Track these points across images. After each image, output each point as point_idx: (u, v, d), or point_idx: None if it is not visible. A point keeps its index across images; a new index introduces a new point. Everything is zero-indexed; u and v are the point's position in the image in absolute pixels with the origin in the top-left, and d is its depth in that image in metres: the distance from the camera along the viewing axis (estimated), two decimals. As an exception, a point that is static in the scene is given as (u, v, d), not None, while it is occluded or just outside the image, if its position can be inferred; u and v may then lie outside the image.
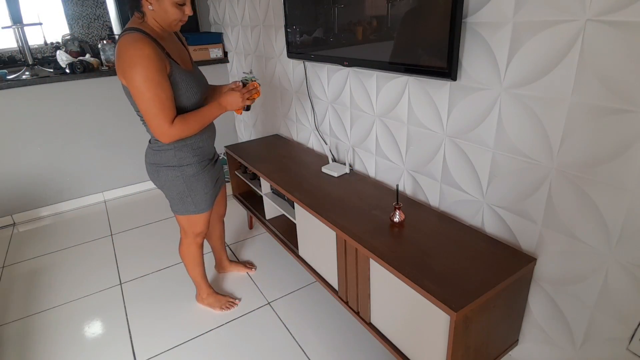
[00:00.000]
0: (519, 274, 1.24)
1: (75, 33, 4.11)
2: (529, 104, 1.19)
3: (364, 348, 1.65)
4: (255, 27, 2.66)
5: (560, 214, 1.20)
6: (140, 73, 1.24)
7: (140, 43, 1.25)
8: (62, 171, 2.90)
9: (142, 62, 1.24)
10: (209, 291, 1.89)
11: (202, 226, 1.67)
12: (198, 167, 1.53)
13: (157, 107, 1.29)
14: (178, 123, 1.35)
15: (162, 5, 1.27)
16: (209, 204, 1.63)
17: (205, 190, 1.59)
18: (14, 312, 1.95)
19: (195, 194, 1.56)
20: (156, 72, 1.26)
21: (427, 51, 1.36)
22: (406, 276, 1.22)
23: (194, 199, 1.57)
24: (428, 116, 1.54)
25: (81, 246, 2.51)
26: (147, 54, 1.24)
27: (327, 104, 2.15)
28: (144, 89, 1.26)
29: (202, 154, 1.55)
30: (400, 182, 1.79)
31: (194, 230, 1.67)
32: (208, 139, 1.58)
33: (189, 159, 1.50)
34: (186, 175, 1.51)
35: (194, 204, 1.58)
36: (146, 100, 1.28)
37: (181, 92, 1.37)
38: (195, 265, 1.80)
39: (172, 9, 1.28)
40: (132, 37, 1.26)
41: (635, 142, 0.98)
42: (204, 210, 1.62)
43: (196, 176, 1.53)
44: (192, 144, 1.50)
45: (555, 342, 1.33)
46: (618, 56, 0.96)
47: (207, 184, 1.59)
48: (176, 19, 1.32)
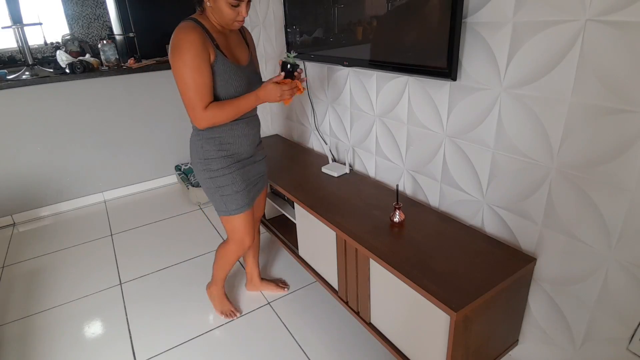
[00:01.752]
0: (519, 274, 1.24)
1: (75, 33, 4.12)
2: (529, 104, 1.19)
3: (364, 348, 1.65)
4: (255, 27, 2.66)
5: (560, 214, 1.20)
6: (181, 56, 1.28)
7: (188, 29, 1.29)
8: (62, 171, 2.90)
9: (185, 45, 1.28)
10: (220, 291, 1.85)
11: (241, 232, 1.57)
12: (223, 162, 1.47)
13: (193, 90, 1.31)
14: (212, 108, 1.35)
15: (218, 4, 1.30)
16: (241, 205, 1.51)
17: (235, 189, 1.49)
18: (14, 312, 1.95)
19: (222, 192, 1.49)
20: (196, 57, 1.28)
21: (427, 51, 1.36)
22: (406, 276, 1.22)
23: (222, 197, 1.50)
24: (428, 116, 1.54)
25: (81, 246, 2.51)
26: (192, 39, 1.28)
27: (327, 104, 2.15)
28: (182, 72, 1.30)
29: (230, 150, 1.48)
30: (400, 182, 1.79)
31: (235, 237, 1.58)
32: (242, 137, 1.49)
33: (214, 153, 1.46)
34: (211, 169, 1.47)
35: (225, 203, 1.51)
36: (183, 83, 1.31)
37: (222, 82, 1.37)
38: (224, 267, 1.73)
39: (226, 9, 1.30)
40: (184, 24, 1.32)
41: (635, 142, 0.98)
42: (235, 212, 1.52)
43: (221, 171, 1.47)
44: (220, 137, 1.45)
45: (555, 342, 1.33)
46: (618, 56, 0.96)
47: (237, 182, 1.49)
48: (231, 19, 1.33)
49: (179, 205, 2.94)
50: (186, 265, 2.25)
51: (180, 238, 2.52)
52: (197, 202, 2.92)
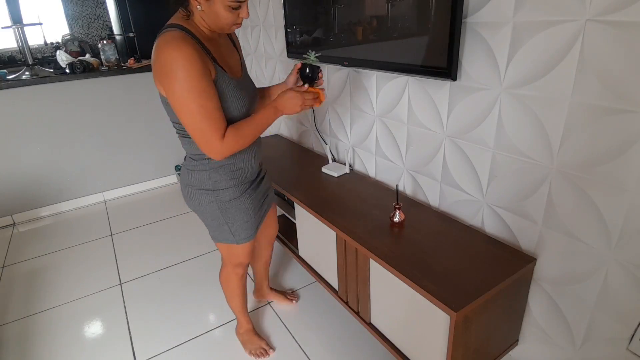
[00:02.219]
0: (519, 274, 1.24)
1: (75, 33, 4.12)
2: (529, 104, 1.19)
3: (364, 348, 1.65)
4: (255, 27, 2.66)
5: (560, 214, 1.20)
6: (181, 79, 1.02)
7: (179, 42, 1.02)
8: (62, 171, 2.90)
9: (183, 65, 1.01)
10: (247, 327, 1.67)
11: (243, 257, 1.44)
12: (236, 191, 1.29)
13: (205, 120, 1.06)
14: (231, 135, 1.11)
15: (213, 7, 1.06)
16: (251, 232, 1.38)
17: (246, 219, 1.34)
18: (14, 312, 1.95)
19: (233, 222, 1.33)
20: (200, 77, 1.03)
21: (427, 51, 1.36)
22: (406, 276, 1.22)
23: (231, 227, 1.34)
24: (428, 116, 1.54)
25: (81, 246, 2.51)
26: (189, 55, 1.02)
27: (327, 104, 2.15)
28: (187, 99, 1.04)
29: (241, 176, 1.30)
30: (400, 182, 1.79)
31: (232, 261, 1.46)
32: (252, 159, 1.31)
33: (225, 183, 1.27)
34: (221, 200, 1.28)
35: (232, 232, 1.35)
36: (191, 113, 1.06)
37: (227, 103, 1.14)
38: (234, 296, 1.57)
39: (224, 13, 1.06)
40: (171, 35, 1.04)
41: (635, 142, 0.98)
42: (245, 240, 1.38)
43: (233, 202, 1.29)
44: (229, 165, 1.26)
45: (555, 342, 1.33)
46: (618, 56, 0.96)
47: (248, 210, 1.34)
48: (229, 23, 1.10)
49: (179, 205, 2.94)
50: (186, 265, 2.25)
51: (180, 238, 2.52)
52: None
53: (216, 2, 1.05)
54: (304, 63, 1.24)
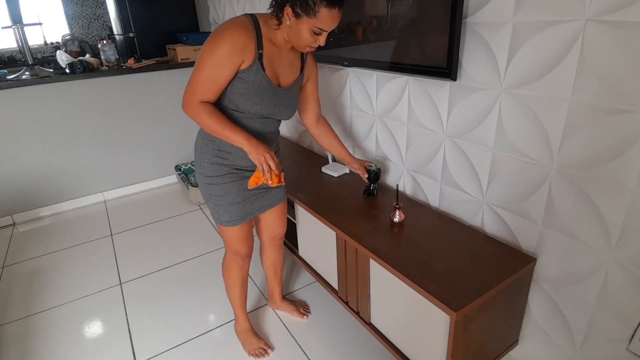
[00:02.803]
0: (519, 274, 1.24)
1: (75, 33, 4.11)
2: (529, 104, 1.19)
3: (364, 348, 1.65)
4: (255, 27, 2.65)
5: (560, 214, 1.20)
6: (212, 44, 1.17)
7: (239, 25, 1.17)
8: (62, 171, 2.90)
9: (224, 39, 1.16)
10: (244, 326, 1.69)
11: (237, 244, 1.47)
12: (218, 171, 1.34)
13: (201, 82, 1.20)
14: (204, 109, 1.21)
15: (300, 27, 1.17)
16: (234, 218, 1.40)
17: (228, 201, 1.37)
18: (14, 312, 1.95)
19: (215, 201, 1.38)
20: (224, 53, 1.16)
21: (427, 51, 1.36)
22: (406, 276, 1.22)
23: (216, 206, 1.39)
24: (428, 116, 1.54)
25: (81, 246, 2.51)
26: (234, 35, 1.16)
27: (327, 104, 2.15)
28: (203, 57, 1.18)
29: (228, 159, 1.34)
30: (400, 182, 1.79)
31: (230, 247, 1.50)
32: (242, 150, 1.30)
33: (209, 159, 1.34)
34: (205, 175, 1.35)
35: (217, 212, 1.40)
36: (197, 67, 1.20)
37: (244, 91, 1.24)
38: (232, 286, 1.60)
39: (306, 34, 1.18)
40: (240, 18, 1.20)
41: (635, 142, 0.98)
42: (227, 224, 1.41)
43: (214, 180, 1.35)
44: (219, 143, 1.32)
45: (555, 342, 1.33)
46: (618, 56, 0.96)
47: (230, 195, 1.36)
48: (306, 43, 1.21)
49: (179, 205, 2.94)
50: (186, 265, 2.25)
51: (180, 238, 2.52)
52: (197, 202, 2.92)
53: (304, 23, 1.16)
54: (369, 169, 1.64)
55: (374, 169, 1.64)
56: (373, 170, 1.64)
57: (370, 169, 1.64)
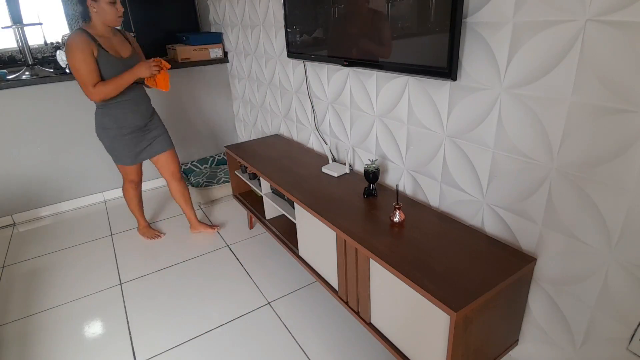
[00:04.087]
0: (519, 274, 1.24)
1: (75, 33, 4.09)
2: (529, 104, 1.19)
3: (364, 348, 1.65)
4: (255, 27, 2.66)
5: (560, 214, 1.20)
6: (71, 55, 1.80)
7: (75, 36, 1.81)
8: (62, 171, 2.90)
9: (73, 47, 1.79)
10: (143, 224, 2.53)
11: (131, 175, 2.26)
12: (117, 132, 2.06)
13: (83, 75, 1.83)
14: (99, 85, 1.87)
15: (101, 6, 1.79)
16: (130, 160, 2.16)
17: (124, 150, 2.11)
18: (14, 312, 1.95)
19: (117, 150, 2.12)
20: (81, 51, 1.80)
21: (427, 51, 1.36)
22: (406, 276, 1.22)
23: (117, 153, 2.13)
24: (428, 116, 1.54)
25: (81, 246, 2.51)
26: (78, 41, 1.80)
27: (327, 104, 2.15)
28: (74, 64, 1.81)
29: (122, 122, 2.05)
30: (400, 182, 1.79)
31: (126, 177, 2.28)
32: (130, 112, 2.05)
33: (110, 124, 2.04)
34: (109, 135, 2.07)
35: (117, 157, 2.15)
36: (76, 71, 1.83)
37: (105, 70, 1.89)
38: (130, 201, 2.40)
39: (107, 7, 1.80)
40: (74, 33, 1.82)
41: (635, 142, 0.98)
42: (126, 164, 2.17)
43: (116, 138, 2.07)
44: (113, 114, 2.02)
45: (555, 342, 1.33)
46: (618, 56, 0.96)
47: (128, 145, 2.11)
48: (114, 15, 1.83)
49: (179, 205, 2.94)
50: (186, 265, 2.25)
51: (180, 238, 2.52)
52: (197, 202, 2.92)
53: (101, 2, 1.79)
54: (368, 170, 1.67)
55: (373, 168, 1.66)
56: (372, 170, 1.66)
57: (368, 169, 1.66)
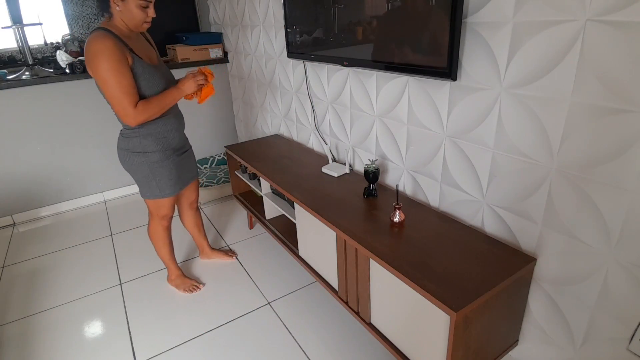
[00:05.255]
0: (519, 274, 1.24)
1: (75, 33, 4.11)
2: (529, 104, 1.19)
3: (364, 348, 1.65)
4: (255, 27, 2.66)
5: (560, 214, 1.20)
6: (103, 63, 1.38)
7: (102, 38, 1.39)
8: (62, 171, 2.90)
9: (104, 53, 1.37)
10: (177, 273, 2.04)
11: (167, 210, 1.82)
12: (162, 155, 1.67)
13: (121, 92, 1.43)
14: (141, 106, 1.48)
15: (127, 6, 1.42)
16: (174, 189, 1.77)
17: (170, 177, 1.72)
18: (14, 312, 1.95)
19: (159, 179, 1.70)
20: (117, 61, 1.39)
21: (427, 51, 1.36)
22: (406, 276, 1.22)
23: (158, 183, 1.71)
24: (428, 116, 1.54)
25: (81, 246, 2.51)
26: (108, 46, 1.38)
27: (327, 104, 2.15)
28: (107, 77, 1.40)
29: (166, 143, 1.68)
30: (400, 182, 1.79)
31: (159, 213, 1.82)
32: (174, 130, 1.70)
33: (153, 147, 1.64)
34: (150, 161, 1.65)
35: (159, 188, 1.72)
36: (110, 87, 1.42)
37: (144, 82, 1.51)
38: (162, 245, 1.94)
39: (136, 10, 1.43)
40: (96, 34, 1.41)
41: (635, 142, 0.98)
42: (169, 195, 1.75)
43: (160, 163, 1.67)
44: (156, 133, 1.63)
45: (555, 342, 1.33)
46: (618, 56, 0.96)
47: (172, 171, 1.72)
48: (141, 19, 1.46)
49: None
50: (186, 265, 2.25)
51: (180, 238, 2.51)
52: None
53: (129, 2, 1.41)
54: (368, 170, 1.65)
55: (373, 168, 1.66)
56: (372, 171, 1.66)
57: (368, 169, 1.66)
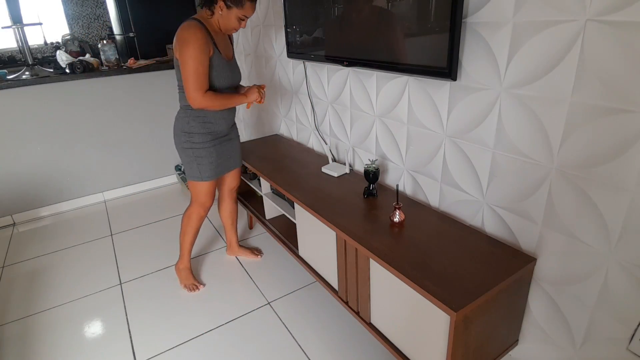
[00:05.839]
0: (519, 274, 1.24)
1: (75, 33, 4.11)
2: (529, 104, 1.19)
3: (364, 348, 1.65)
4: (255, 27, 2.66)
5: (560, 214, 1.20)
6: (189, 49, 1.57)
7: (195, 28, 1.59)
8: (62, 171, 2.90)
9: (193, 41, 1.57)
10: (186, 265, 2.09)
11: (206, 196, 1.90)
12: (204, 137, 1.79)
13: (195, 77, 1.60)
14: (209, 95, 1.66)
15: (230, 15, 1.63)
16: (213, 174, 1.86)
17: (210, 160, 1.82)
18: (14, 312, 1.95)
19: (200, 162, 1.81)
20: (200, 51, 1.58)
21: (427, 51, 1.36)
22: (406, 276, 1.22)
23: (199, 165, 1.81)
24: (428, 116, 1.54)
25: (81, 246, 2.51)
26: (199, 37, 1.58)
27: (327, 104, 2.15)
28: (188, 61, 1.58)
29: (210, 129, 1.80)
30: (400, 182, 1.79)
31: (199, 199, 1.91)
32: (221, 119, 1.81)
33: (197, 129, 1.77)
34: (193, 142, 1.79)
35: (200, 170, 1.82)
36: (188, 71, 1.59)
37: (215, 73, 1.69)
38: (188, 232, 2.00)
39: (234, 21, 1.65)
40: (191, 23, 1.61)
41: (635, 142, 0.98)
42: (208, 179, 1.85)
43: (202, 145, 1.79)
44: (202, 117, 1.76)
45: (555, 342, 1.33)
46: (618, 56, 0.96)
47: (212, 154, 1.82)
48: (234, 28, 1.69)
49: (179, 205, 2.94)
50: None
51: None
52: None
53: (232, 12, 1.63)
54: (368, 170, 1.67)
55: (373, 168, 1.66)
56: (372, 171, 1.66)
57: (368, 169, 1.66)
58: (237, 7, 1.60)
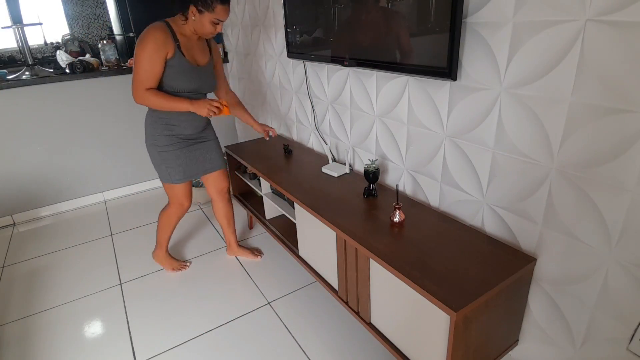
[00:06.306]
0: (519, 274, 1.24)
1: (75, 33, 4.12)
2: (529, 104, 1.19)
3: (364, 348, 1.65)
4: (255, 27, 2.66)
5: (560, 214, 1.20)
6: (141, 46, 1.60)
7: (155, 29, 1.61)
8: (62, 171, 2.90)
9: (148, 40, 1.59)
10: (165, 253, 2.17)
11: (181, 197, 1.95)
12: (168, 140, 1.80)
13: (142, 73, 1.62)
14: (150, 92, 1.65)
15: (203, 20, 1.62)
16: (182, 177, 1.87)
17: (178, 162, 1.83)
18: (14, 312, 1.95)
19: (167, 165, 1.83)
20: (154, 50, 1.59)
21: (427, 51, 1.36)
22: (406, 276, 1.22)
23: (168, 168, 1.84)
24: (428, 116, 1.54)
25: (81, 246, 2.51)
26: (157, 37, 1.60)
27: (327, 104, 2.15)
28: (139, 58, 1.61)
29: (175, 131, 1.80)
30: (400, 182, 1.79)
31: (175, 200, 1.96)
32: (185, 121, 1.80)
33: (161, 131, 1.79)
34: (158, 144, 1.80)
35: (169, 173, 1.85)
36: (135, 66, 1.62)
37: (173, 75, 1.68)
38: (166, 229, 2.07)
39: (208, 25, 1.64)
40: (156, 24, 1.64)
41: (635, 142, 0.98)
42: (178, 181, 1.87)
43: (166, 147, 1.80)
44: (165, 119, 1.77)
45: (555, 342, 1.33)
46: (618, 56, 0.96)
47: (179, 157, 1.83)
48: (210, 32, 1.67)
49: (179, 205, 2.94)
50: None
51: (180, 238, 2.52)
52: (197, 202, 2.92)
53: (205, 17, 1.61)
54: (367, 170, 1.67)
55: (373, 168, 1.66)
56: (372, 171, 1.66)
57: (368, 169, 1.66)
58: (208, 11, 1.59)
